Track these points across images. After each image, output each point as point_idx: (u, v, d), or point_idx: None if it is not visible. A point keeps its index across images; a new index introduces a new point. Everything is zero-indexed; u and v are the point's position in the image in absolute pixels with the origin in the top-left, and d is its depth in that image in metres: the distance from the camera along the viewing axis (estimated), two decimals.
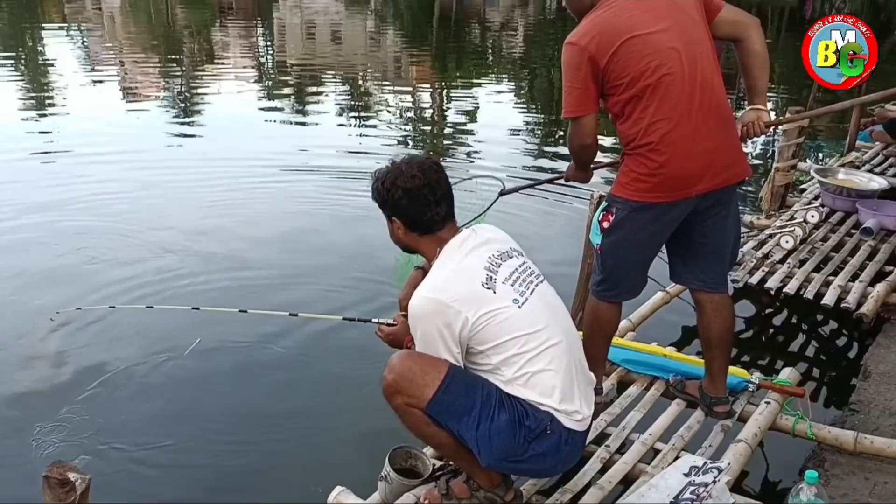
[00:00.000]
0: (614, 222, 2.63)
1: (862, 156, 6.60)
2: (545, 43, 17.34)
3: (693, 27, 2.55)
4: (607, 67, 2.48)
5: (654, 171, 2.52)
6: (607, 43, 2.46)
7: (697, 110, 2.51)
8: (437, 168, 2.29)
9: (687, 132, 2.50)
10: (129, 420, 3.31)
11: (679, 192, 2.54)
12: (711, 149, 2.54)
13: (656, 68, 2.46)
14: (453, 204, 2.31)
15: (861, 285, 4.13)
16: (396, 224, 2.31)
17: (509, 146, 8.39)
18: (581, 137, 2.60)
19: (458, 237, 2.27)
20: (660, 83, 2.47)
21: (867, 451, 2.86)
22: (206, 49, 15.05)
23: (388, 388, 2.19)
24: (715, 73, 2.57)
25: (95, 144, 7.53)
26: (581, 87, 2.51)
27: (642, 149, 2.52)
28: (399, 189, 2.23)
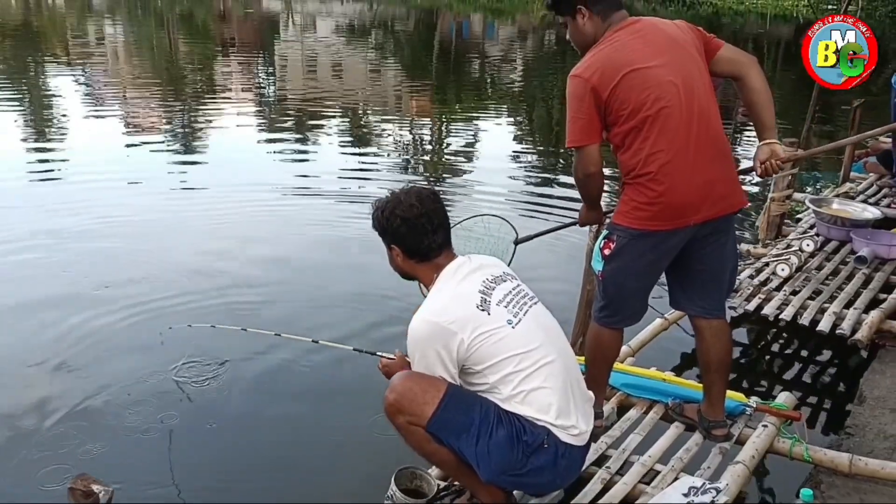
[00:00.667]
0: (615, 250, 2.72)
1: (856, 186, 6.72)
2: (544, 76, 17.58)
3: (691, 63, 2.66)
4: (609, 99, 2.59)
5: (653, 200, 2.62)
6: (609, 76, 2.58)
7: (695, 142, 2.61)
8: (435, 198, 2.41)
9: (685, 163, 2.60)
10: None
11: (678, 220, 2.64)
12: (709, 179, 2.64)
13: (655, 100, 2.57)
14: (450, 232, 2.42)
15: (856, 312, 4.21)
16: (395, 251, 2.42)
17: (509, 176, 8.50)
18: (586, 166, 2.70)
19: (453, 263, 2.38)
20: (658, 115, 2.58)
21: (862, 473, 2.92)
22: (209, 82, 15.24)
23: (390, 407, 2.28)
24: (712, 106, 2.68)
25: (97, 173, 7.67)
26: (585, 118, 2.62)
27: (642, 178, 2.62)
28: (398, 218, 2.35)
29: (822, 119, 10.57)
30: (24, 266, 5.29)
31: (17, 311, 4.59)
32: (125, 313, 4.53)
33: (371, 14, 33.46)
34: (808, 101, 5.95)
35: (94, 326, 4.38)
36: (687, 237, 2.70)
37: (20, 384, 3.82)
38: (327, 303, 4.81)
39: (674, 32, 2.69)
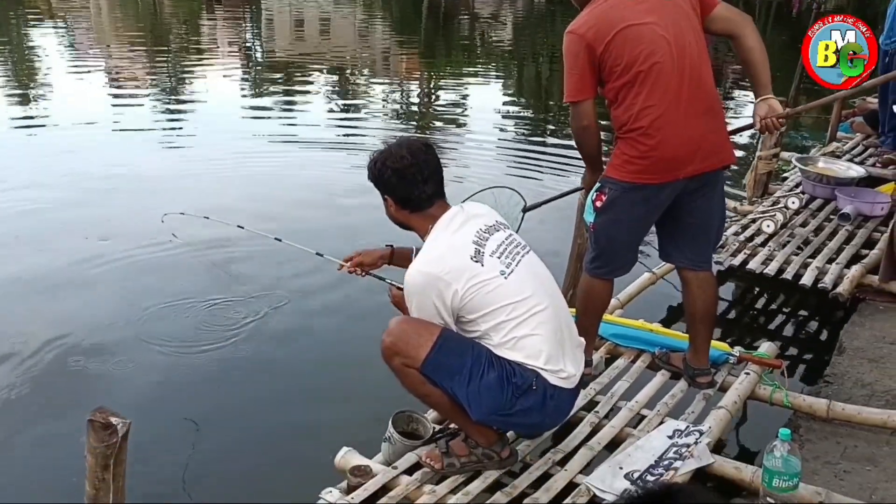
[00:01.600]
0: (607, 202, 2.79)
1: (843, 146, 6.80)
2: (534, 35, 17.49)
3: (684, 20, 2.71)
4: (603, 55, 2.64)
5: (644, 153, 2.69)
6: (604, 32, 2.63)
7: (686, 97, 2.67)
8: (427, 149, 2.47)
9: (676, 117, 2.67)
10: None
11: (668, 174, 2.71)
12: (699, 134, 2.71)
13: (648, 56, 2.63)
14: (442, 183, 2.48)
15: (838, 267, 4.32)
16: (389, 202, 2.50)
17: (499, 133, 8.55)
18: (579, 119, 2.76)
19: (447, 214, 2.44)
20: (651, 70, 2.63)
21: (839, 418, 3.03)
22: (194, 40, 15.07)
23: (387, 350, 2.37)
24: (704, 64, 2.74)
25: (84, 129, 7.67)
26: (579, 73, 2.68)
27: (633, 133, 2.69)
28: (388, 169, 2.42)
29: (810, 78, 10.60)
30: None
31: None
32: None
33: None
34: (796, 61, 5.99)
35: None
36: (677, 190, 2.78)
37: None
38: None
39: None
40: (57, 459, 2.98)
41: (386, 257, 2.78)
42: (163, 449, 3.03)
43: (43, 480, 2.89)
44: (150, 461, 2.88)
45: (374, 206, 2.70)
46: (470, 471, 2.54)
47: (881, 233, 4.78)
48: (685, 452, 2.64)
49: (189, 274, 4.56)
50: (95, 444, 1.65)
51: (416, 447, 2.63)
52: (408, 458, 2.60)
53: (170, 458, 3.01)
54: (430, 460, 2.54)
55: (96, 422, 1.63)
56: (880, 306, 4.10)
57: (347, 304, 4.21)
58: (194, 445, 3.11)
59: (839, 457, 2.88)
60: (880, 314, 4.04)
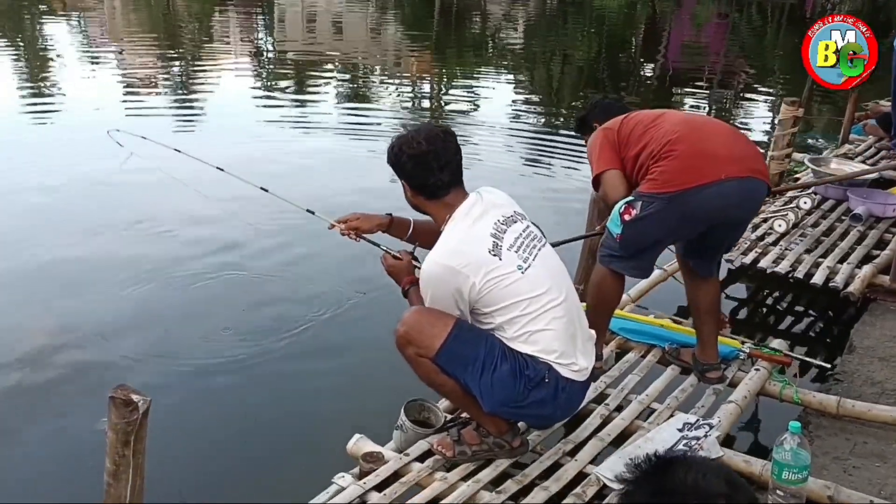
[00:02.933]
0: (637, 216, 2.81)
1: (855, 148, 6.79)
2: (546, 36, 17.48)
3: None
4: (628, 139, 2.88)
5: (676, 159, 2.75)
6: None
7: (705, 127, 2.86)
8: (445, 137, 2.44)
9: (697, 135, 2.79)
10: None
11: (706, 172, 2.72)
12: (728, 142, 2.82)
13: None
14: (460, 171, 2.46)
15: (849, 267, 4.32)
16: (405, 186, 2.50)
17: (510, 133, 8.55)
18: (610, 183, 2.95)
19: (465, 204, 2.42)
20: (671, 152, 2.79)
21: (849, 415, 3.05)
22: (207, 37, 15.11)
23: (401, 339, 2.38)
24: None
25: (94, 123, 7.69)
26: (610, 150, 2.94)
27: (660, 153, 2.78)
28: (405, 154, 2.42)
29: None
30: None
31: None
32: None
33: None
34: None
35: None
36: (714, 199, 2.75)
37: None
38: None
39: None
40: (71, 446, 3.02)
41: (384, 225, 2.72)
42: (176, 431, 3.06)
43: (58, 468, 2.93)
44: (165, 442, 2.91)
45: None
46: (481, 459, 2.56)
47: (893, 234, 4.80)
48: (695, 445, 2.65)
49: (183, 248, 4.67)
50: (116, 420, 1.68)
51: (428, 435, 2.65)
52: (419, 445, 2.63)
53: (184, 441, 3.05)
54: (441, 448, 2.56)
55: (118, 398, 1.66)
56: (891, 306, 4.10)
57: (360, 292, 4.25)
58: (207, 429, 3.15)
59: (848, 453, 2.89)
60: (891, 314, 4.04)
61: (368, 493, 2.41)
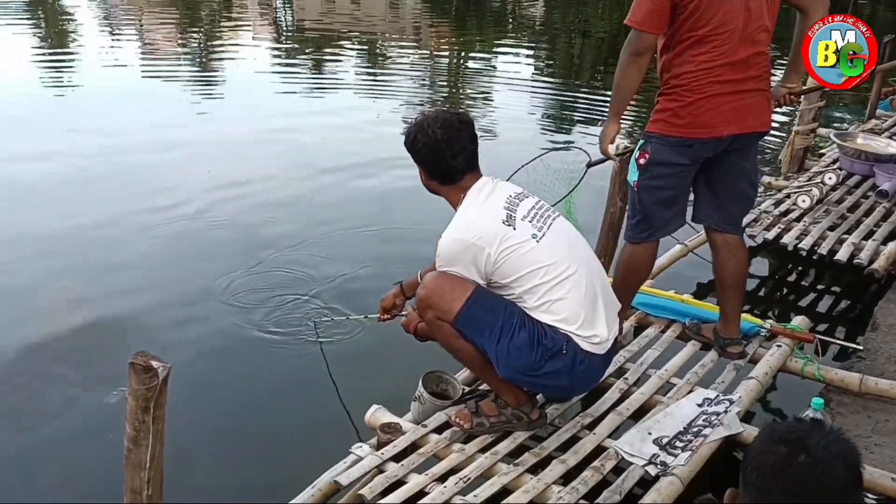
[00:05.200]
0: (651, 158, 2.79)
1: (882, 123, 6.68)
2: (566, 9, 17.27)
3: None
4: (685, 2, 2.58)
5: (688, 110, 2.68)
6: None
7: (741, 64, 2.67)
8: (461, 125, 2.46)
9: (725, 82, 2.66)
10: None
11: (711, 130, 2.71)
12: (743, 102, 2.71)
13: (723, 21, 2.60)
14: (476, 156, 2.48)
15: (874, 244, 4.26)
16: (420, 170, 2.52)
17: (531, 109, 8.49)
18: (637, 46, 2.64)
19: (478, 183, 2.46)
20: (720, 35, 2.62)
21: (871, 392, 3.01)
22: (226, 9, 15.05)
23: (421, 302, 2.40)
24: (767, 32, 2.71)
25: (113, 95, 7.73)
26: (658, 6, 2.58)
27: (680, 88, 2.68)
28: (419, 142, 2.45)
29: None
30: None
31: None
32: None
33: None
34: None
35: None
36: (720, 147, 2.77)
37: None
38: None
39: None
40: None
41: (399, 294, 2.86)
42: (196, 399, 3.09)
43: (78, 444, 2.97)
44: (183, 409, 2.94)
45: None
46: (499, 431, 2.55)
47: None
48: (714, 420, 2.63)
49: (220, 240, 4.66)
50: (136, 386, 1.68)
51: (446, 407, 2.65)
52: (437, 417, 2.63)
53: (202, 409, 3.08)
54: (459, 420, 2.56)
55: (137, 364, 1.66)
56: None
57: (376, 268, 4.26)
58: (225, 398, 3.18)
59: (870, 430, 2.86)
60: None
61: (386, 464, 2.42)
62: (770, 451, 1.14)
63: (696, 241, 4.19)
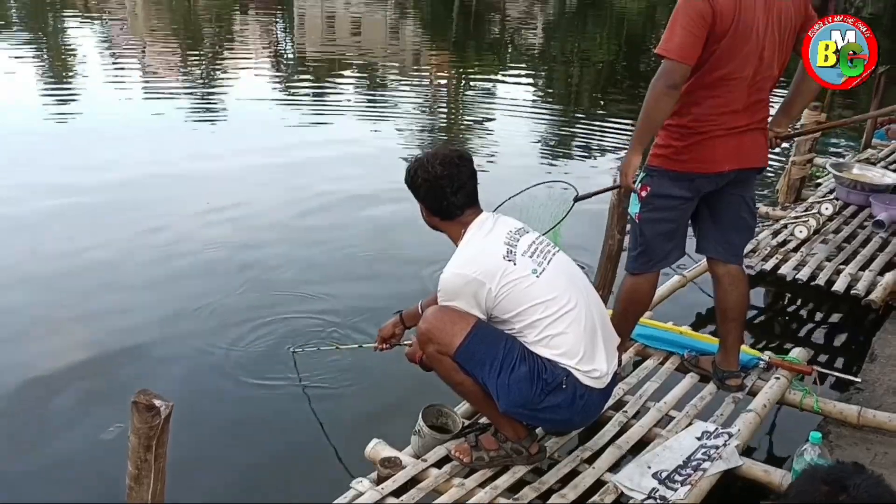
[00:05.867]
0: (652, 191, 2.83)
1: (878, 153, 6.73)
2: (564, 38, 17.43)
3: (785, 33, 2.70)
4: (716, 37, 2.58)
5: (690, 146, 2.74)
6: (727, 18, 2.56)
7: (747, 108, 2.73)
8: (460, 161, 2.52)
9: (730, 125, 2.72)
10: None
11: (712, 165, 2.77)
12: (743, 139, 2.77)
13: (738, 67, 2.65)
14: (475, 192, 2.54)
15: (871, 274, 4.28)
16: (421, 207, 2.58)
17: (529, 138, 8.55)
18: (671, 77, 2.57)
19: (479, 218, 2.51)
20: (734, 81, 2.67)
21: (869, 425, 3.02)
22: (227, 38, 15.19)
23: (422, 336, 2.43)
24: (774, 80, 2.77)
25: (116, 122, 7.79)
26: (694, 37, 2.55)
27: (685, 129, 2.73)
28: (419, 178, 2.51)
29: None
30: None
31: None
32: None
33: None
34: None
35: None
36: (721, 182, 2.83)
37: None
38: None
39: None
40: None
41: (398, 324, 2.90)
42: (195, 432, 3.09)
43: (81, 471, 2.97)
44: (183, 443, 2.94)
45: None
46: (498, 465, 2.56)
47: None
48: (714, 454, 2.64)
49: (218, 271, 4.68)
50: (139, 424, 1.69)
51: (446, 440, 2.66)
52: (437, 451, 2.63)
53: (202, 443, 3.08)
54: (459, 454, 2.57)
55: (140, 403, 1.68)
56: None
57: (376, 298, 4.27)
58: (225, 431, 3.18)
59: (869, 463, 2.86)
60: None
61: (386, 499, 2.42)
62: (812, 491, 1.18)
63: (695, 272, 4.21)
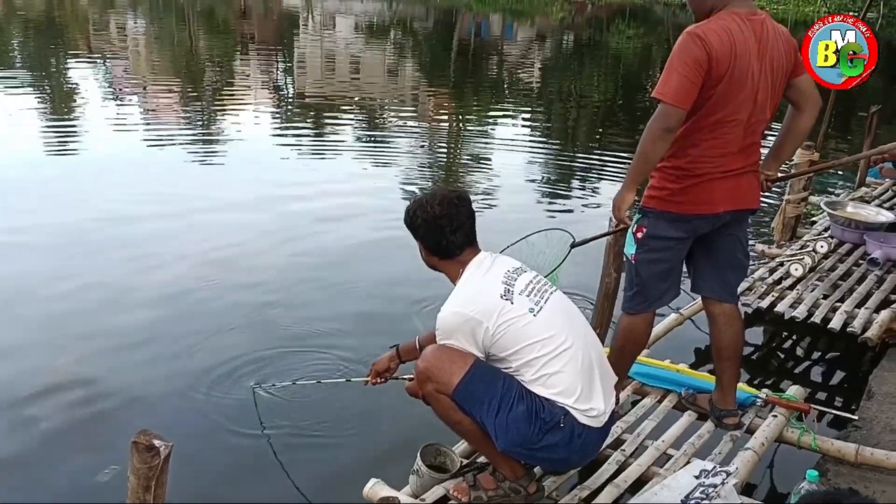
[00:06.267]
0: (648, 232, 2.86)
1: (872, 191, 6.80)
2: (561, 78, 17.66)
3: (777, 78, 2.74)
4: (712, 83, 2.62)
5: (685, 188, 2.78)
6: (724, 62, 2.60)
7: (741, 151, 2.77)
8: (459, 201, 2.58)
9: (724, 168, 2.76)
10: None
11: (707, 207, 2.80)
12: (737, 181, 2.81)
13: (734, 111, 2.68)
14: (474, 232, 2.58)
15: (867, 311, 4.30)
16: (421, 247, 2.62)
17: (527, 176, 8.63)
18: (667, 121, 2.58)
19: (477, 258, 2.55)
20: (728, 124, 2.71)
21: (867, 462, 3.02)
22: (228, 77, 15.38)
23: (420, 374, 2.45)
24: (766, 122, 2.81)
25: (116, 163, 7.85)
26: (691, 81, 2.58)
27: (681, 171, 2.77)
28: (419, 218, 2.55)
29: (840, 122, 10.65)
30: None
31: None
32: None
33: (390, 13, 33.63)
34: (825, 104, 6.03)
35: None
36: (717, 223, 2.86)
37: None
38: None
39: (780, 45, 2.72)
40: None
41: (394, 358, 2.92)
42: (194, 471, 3.08)
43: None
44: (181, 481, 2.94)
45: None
46: None
47: None
48: (712, 493, 2.63)
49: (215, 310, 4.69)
50: (138, 465, 1.71)
51: (444, 480, 2.66)
52: (435, 490, 2.63)
53: (200, 482, 3.08)
54: (457, 493, 2.57)
55: (140, 443, 1.69)
56: None
57: (374, 336, 4.28)
58: (222, 472, 3.18)
59: None
60: None
61: None
62: None
63: (691, 310, 4.24)
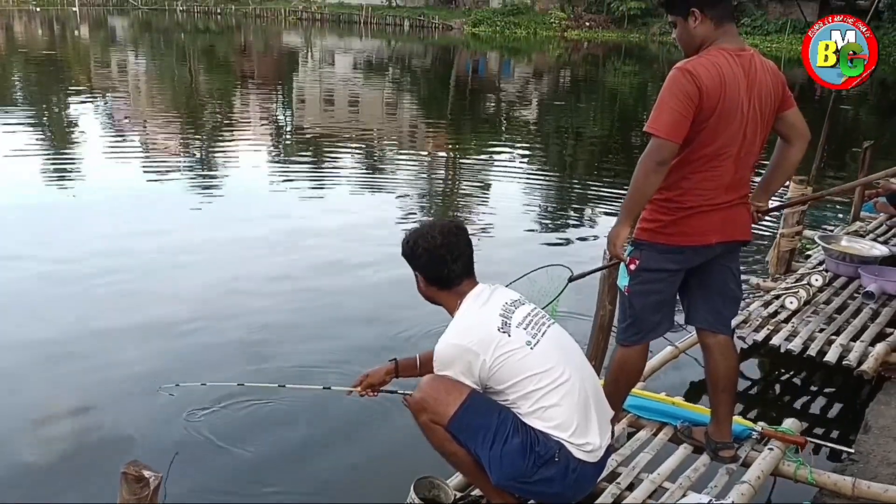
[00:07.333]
0: (641, 265, 2.88)
1: (866, 226, 6.83)
2: (559, 114, 17.82)
3: (766, 112, 2.79)
4: (703, 117, 2.66)
5: (676, 220, 2.80)
6: (714, 97, 2.63)
7: (731, 185, 2.80)
8: (458, 231, 2.60)
9: (716, 202, 2.79)
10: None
11: (700, 238, 2.82)
12: (729, 213, 2.84)
13: (724, 146, 2.72)
14: (472, 262, 2.60)
15: (862, 345, 4.30)
16: (419, 278, 2.62)
17: (524, 209, 8.67)
18: (660, 155, 2.61)
19: (475, 289, 2.56)
20: (719, 158, 2.74)
21: (864, 496, 3.00)
22: (227, 113, 15.52)
23: (416, 405, 2.45)
24: (756, 156, 2.85)
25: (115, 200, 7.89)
26: (682, 115, 2.61)
27: (673, 204, 2.79)
28: (419, 248, 2.56)
29: (834, 157, 10.73)
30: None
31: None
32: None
33: (389, 50, 34.05)
34: (817, 139, 6.09)
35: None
36: (709, 255, 2.88)
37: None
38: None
39: (768, 79, 2.77)
40: None
41: (392, 372, 2.86)
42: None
43: None
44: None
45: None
46: None
47: None
48: None
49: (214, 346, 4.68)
50: (128, 496, 1.70)
51: None
52: None
53: None
54: None
55: (129, 474, 1.68)
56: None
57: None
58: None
59: None
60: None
61: None
62: None
63: (687, 342, 4.24)
